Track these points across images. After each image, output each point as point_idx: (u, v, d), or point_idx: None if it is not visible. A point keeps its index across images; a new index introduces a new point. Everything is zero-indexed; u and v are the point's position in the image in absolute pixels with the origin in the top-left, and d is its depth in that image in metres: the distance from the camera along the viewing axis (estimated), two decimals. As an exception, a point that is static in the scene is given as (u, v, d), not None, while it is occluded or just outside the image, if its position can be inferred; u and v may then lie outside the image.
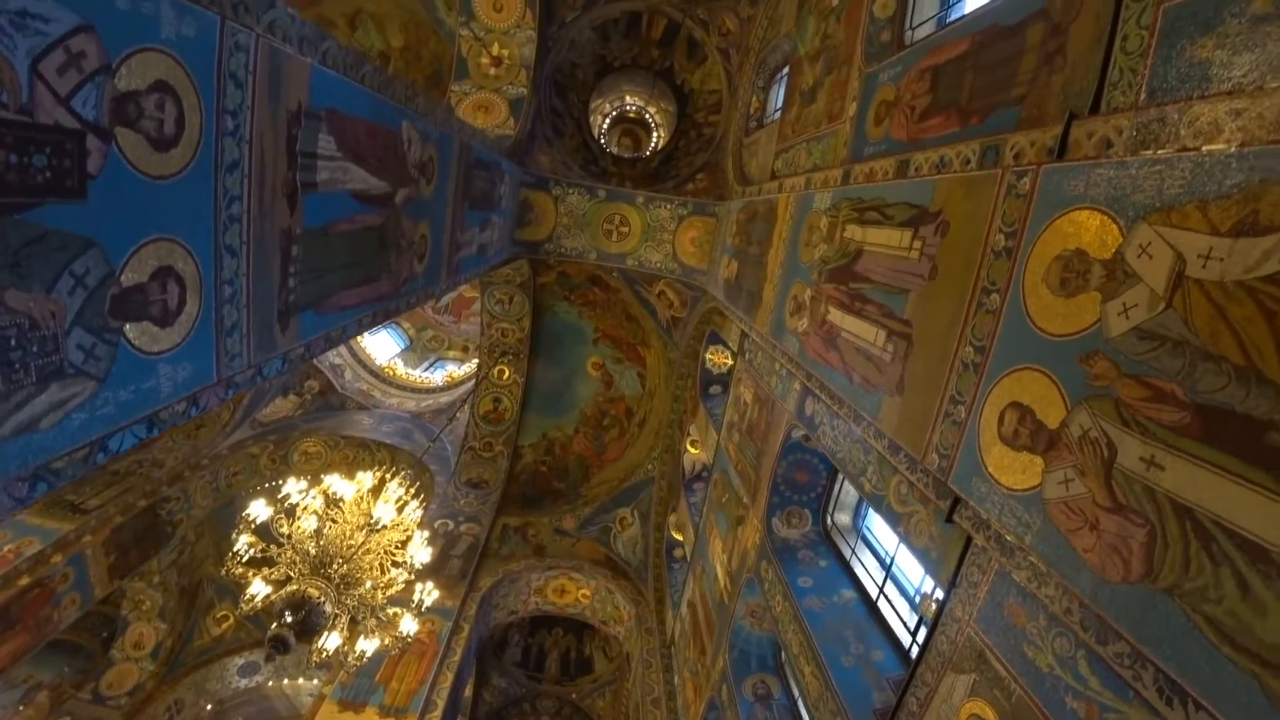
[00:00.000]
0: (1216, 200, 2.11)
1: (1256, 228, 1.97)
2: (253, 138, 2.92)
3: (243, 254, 3.00)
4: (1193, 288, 2.15)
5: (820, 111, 6.71)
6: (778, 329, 6.00)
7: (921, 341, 3.69)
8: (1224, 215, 2.08)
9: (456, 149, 5.79)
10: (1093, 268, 2.57)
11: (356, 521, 6.82)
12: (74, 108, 2.03)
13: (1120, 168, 2.49)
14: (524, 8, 8.95)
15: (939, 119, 4.50)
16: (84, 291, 2.20)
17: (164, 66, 2.35)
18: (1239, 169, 2.06)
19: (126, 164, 2.27)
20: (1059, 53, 3.39)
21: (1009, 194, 3.12)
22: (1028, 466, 2.80)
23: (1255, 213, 1.98)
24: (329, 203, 3.71)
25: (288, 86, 3.15)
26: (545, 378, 12.37)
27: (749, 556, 7.06)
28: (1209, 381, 2.07)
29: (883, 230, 4.26)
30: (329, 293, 3.91)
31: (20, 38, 1.83)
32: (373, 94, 4.04)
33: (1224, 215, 2.08)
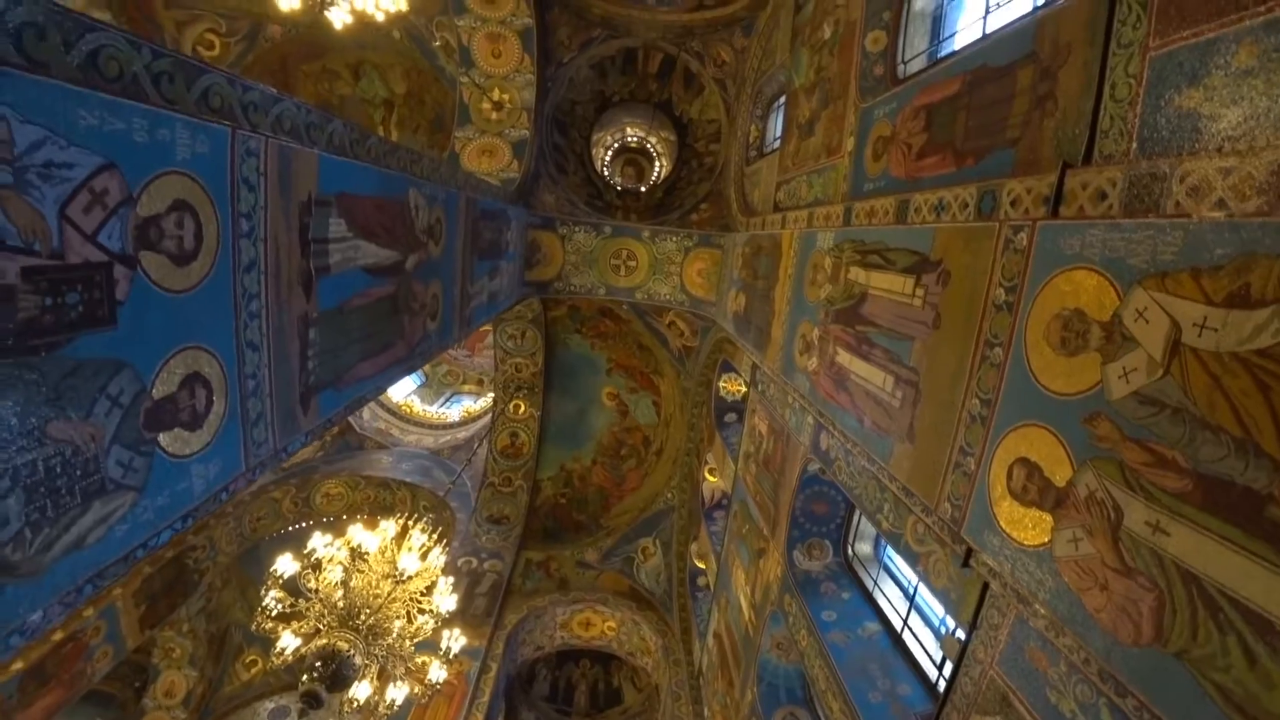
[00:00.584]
0: (1209, 270, 2.15)
1: (1249, 300, 2.01)
2: (267, 235, 3.05)
3: (263, 347, 3.11)
4: (1189, 356, 2.19)
5: (819, 145, 6.79)
6: (788, 366, 6.05)
7: (929, 391, 3.72)
8: (1217, 285, 2.12)
9: (462, 205, 5.93)
10: (1092, 328, 2.61)
11: (382, 571, 6.92)
12: (100, 242, 2.15)
13: (1114, 229, 2.53)
14: (522, 53, 9.16)
15: (935, 158, 4.56)
16: (119, 411, 2.31)
17: (181, 186, 2.48)
18: (1230, 239, 2.10)
19: (151, 284, 2.39)
20: (1050, 97, 3.45)
21: (1007, 248, 3.16)
22: (1038, 523, 2.83)
23: (1247, 285, 2.02)
24: (342, 282, 3.83)
25: (298, 179, 3.28)
26: (561, 410, 12.46)
27: (772, 589, 7.06)
28: (1209, 451, 2.09)
29: (886, 275, 4.31)
30: (347, 367, 4.02)
31: (48, 188, 1.95)
32: (379, 169, 4.17)
33: (1217, 285, 2.12)
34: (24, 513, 2.02)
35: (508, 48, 9.11)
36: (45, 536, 2.10)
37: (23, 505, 2.01)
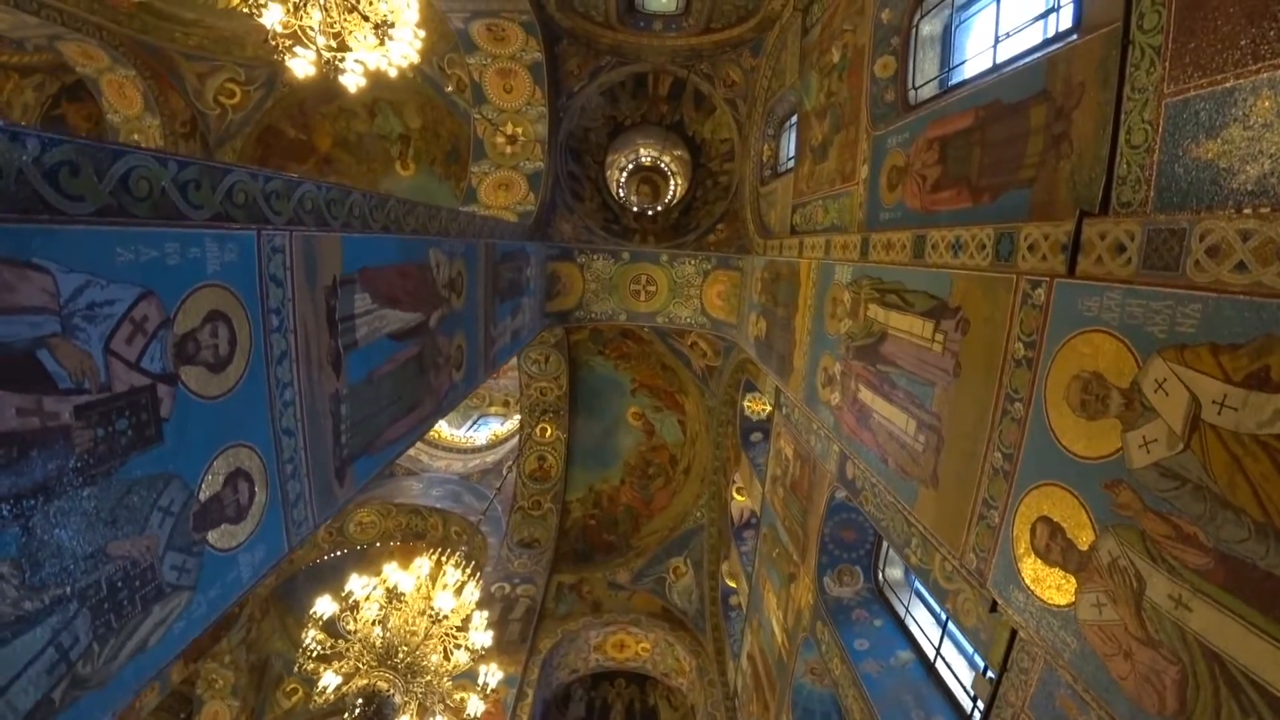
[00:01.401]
0: (1229, 347, 2.15)
1: (1269, 383, 2.01)
2: (296, 325, 3.17)
3: (298, 431, 3.24)
4: (1209, 433, 2.19)
5: (833, 170, 6.79)
6: (811, 397, 6.06)
7: (951, 439, 3.72)
8: (1237, 364, 2.12)
9: (482, 252, 6.05)
10: (1111, 394, 2.61)
11: (417, 608, 7.08)
12: (144, 367, 2.28)
13: (1132, 294, 2.53)
14: (533, 86, 9.29)
15: (951, 192, 4.56)
16: (171, 519, 2.45)
17: (214, 298, 2.61)
18: (1250, 318, 2.09)
19: (192, 396, 2.51)
20: (1064, 137, 3.45)
21: (1025, 302, 3.16)
22: (1061, 584, 2.83)
23: (1267, 367, 2.02)
24: (370, 353, 3.96)
25: (322, 264, 3.41)
26: (587, 431, 12.57)
27: (804, 616, 7.06)
28: (1230, 531, 2.10)
29: (905, 317, 4.32)
30: (378, 433, 4.15)
31: (92, 327, 2.08)
32: (399, 237, 4.29)
33: (1237, 364, 2.12)
34: (91, 629, 2.15)
35: (519, 82, 9.25)
36: (111, 647, 2.23)
37: (90, 623, 2.14)
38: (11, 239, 1.80)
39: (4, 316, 1.78)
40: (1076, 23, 3.63)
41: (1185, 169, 2.62)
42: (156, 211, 2.47)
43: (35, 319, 1.88)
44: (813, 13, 7.66)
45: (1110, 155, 3.05)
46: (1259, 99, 2.33)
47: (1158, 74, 2.76)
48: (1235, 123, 2.44)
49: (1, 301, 1.77)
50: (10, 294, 1.80)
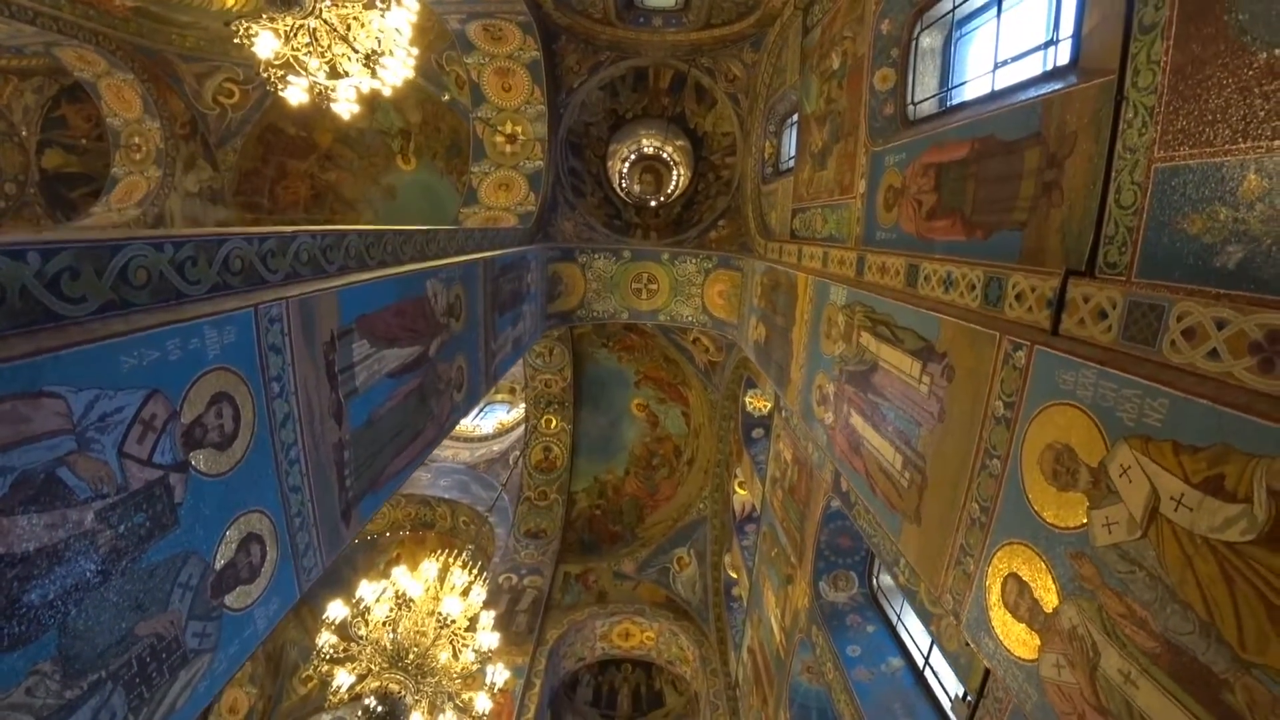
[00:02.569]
0: (1189, 449, 2.24)
1: (1223, 492, 2.11)
2: (297, 387, 3.31)
3: (304, 486, 3.40)
4: (1166, 527, 2.30)
5: (831, 179, 6.81)
6: (807, 413, 6.17)
7: (934, 482, 3.85)
8: (1195, 466, 2.21)
9: (481, 270, 6.14)
10: (1081, 470, 2.71)
11: (426, 608, 7.36)
12: (155, 462, 2.43)
13: (1106, 376, 2.61)
14: (532, 84, 9.25)
15: (945, 222, 4.61)
16: (191, 592, 2.62)
17: (217, 381, 2.74)
18: (1210, 425, 2.16)
19: (203, 477, 2.67)
20: (1056, 185, 3.50)
21: (1006, 363, 3.25)
22: (1027, 639, 2.98)
23: (1222, 476, 2.12)
24: (370, 397, 4.10)
25: (320, 322, 3.53)
26: (592, 422, 12.77)
27: (800, 617, 7.29)
28: (1176, 623, 2.22)
29: (895, 351, 4.41)
30: (381, 469, 4.31)
31: (106, 437, 2.23)
32: (395, 275, 4.40)
33: (1195, 466, 2.21)
34: (126, 703, 2.35)
35: (517, 81, 9.21)
36: (144, 716, 2.43)
37: (125, 698, 2.34)
38: (23, 373, 1.93)
39: (24, 446, 1.93)
40: (1074, 60, 3.64)
41: (1170, 239, 2.68)
42: (156, 296, 2.61)
43: (53, 441, 2.02)
44: (813, 13, 7.57)
45: (1099, 213, 3.11)
46: (1246, 178, 2.38)
47: (1149, 136, 2.80)
48: (1222, 200, 2.49)
49: (20, 433, 1.91)
50: (27, 424, 1.93)
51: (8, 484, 1.88)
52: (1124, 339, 2.76)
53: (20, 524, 1.92)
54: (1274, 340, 2.17)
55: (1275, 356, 2.16)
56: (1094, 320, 2.94)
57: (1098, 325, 2.92)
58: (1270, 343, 2.18)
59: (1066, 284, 3.16)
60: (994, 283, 3.73)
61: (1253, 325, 2.23)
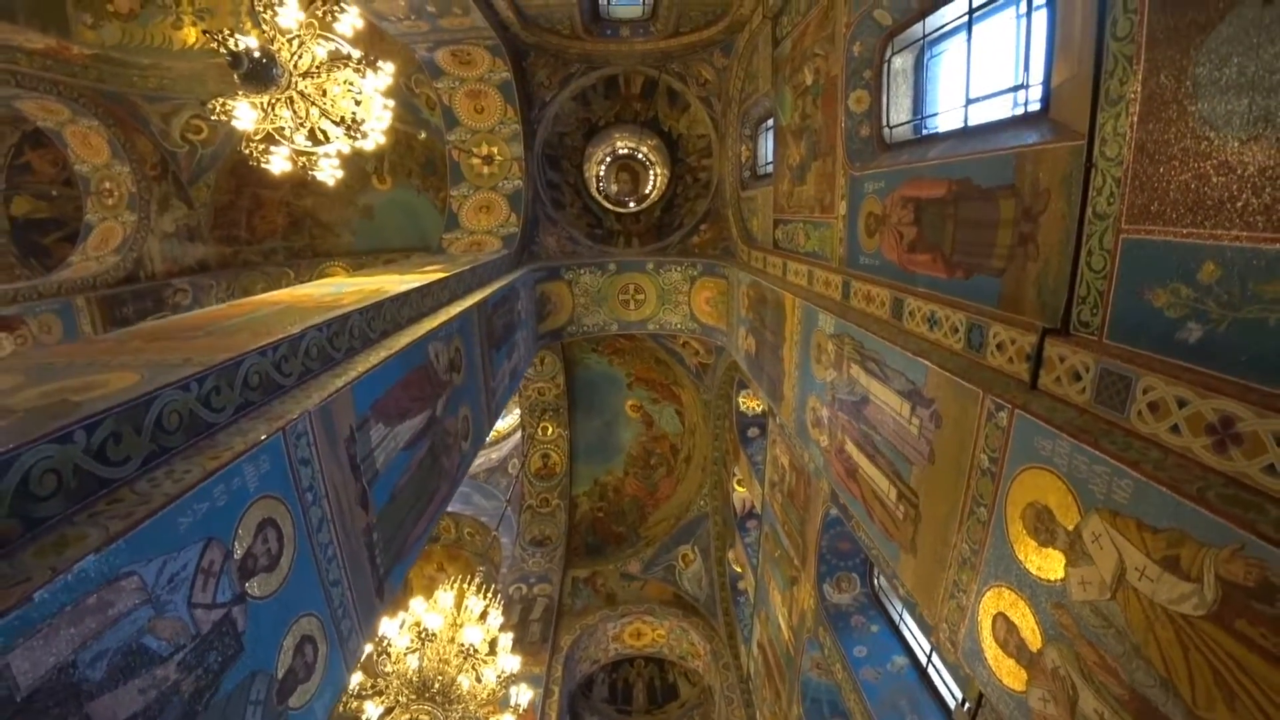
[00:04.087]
0: (1150, 528, 2.54)
1: (1178, 570, 2.42)
2: (327, 490, 3.55)
3: (343, 578, 3.66)
4: (1131, 593, 2.62)
5: (812, 196, 7.01)
6: (802, 431, 6.47)
7: (927, 519, 4.16)
8: (1155, 544, 2.52)
9: (475, 315, 6.33)
10: (1058, 531, 3.03)
11: (446, 636, 7.69)
12: (219, 602, 2.68)
13: (1080, 451, 2.90)
14: (504, 104, 9.32)
15: (927, 257, 4.87)
16: (261, 706, 2.89)
17: (260, 511, 2.98)
18: (1169, 510, 2.44)
19: (259, 601, 2.92)
20: (1031, 239, 3.76)
21: (989, 420, 3.53)
22: (1016, 673, 3.32)
23: (1177, 558, 2.43)
24: (389, 474, 4.34)
25: (339, 422, 3.75)
26: (588, 426, 13.06)
27: (807, 617, 7.70)
28: (1141, 677, 2.56)
29: (885, 389, 4.69)
30: (406, 537, 4.57)
31: (176, 595, 2.47)
32: (400, 353, 4.60)
33: (1155, 544, 2.52)
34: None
35: (489, 102, 9.27)
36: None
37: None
38: (104, 563, 2.16)
39: (113, 628, 2.17)
40: (1045, 106, 3.81)
41: (1138, 308, 2.94)
42: (189, 434, 2.83)
43: (135, 615, 2.26)
44: (782, 24, 7.69)
45: (1072, 273, 3.38)
46: (1205, 264, 2.62)
47: (1117, 206, 3.04)
48: (1183, 279, 2.73)
49: (108, 618, 2.15)
50: (113, 608, 2.17)
51: (104, 667, 2.12)
52: (1097, 402, 3.05)
53: (120, 697, 2.17)
54: (1227, 424, 2.45)
55: (1228, 440, 2.45)
56: (1069, 380, 3.23)
57: (1073, 385, 3.20)
58: (1224, 426, 2.46)
59: (1044, 342, 3.44)
60: (976, 329, 4.01)
61: (1209, 409, 2.51)
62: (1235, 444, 2.43)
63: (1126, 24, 2.96)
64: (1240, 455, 2.42)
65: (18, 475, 2.13)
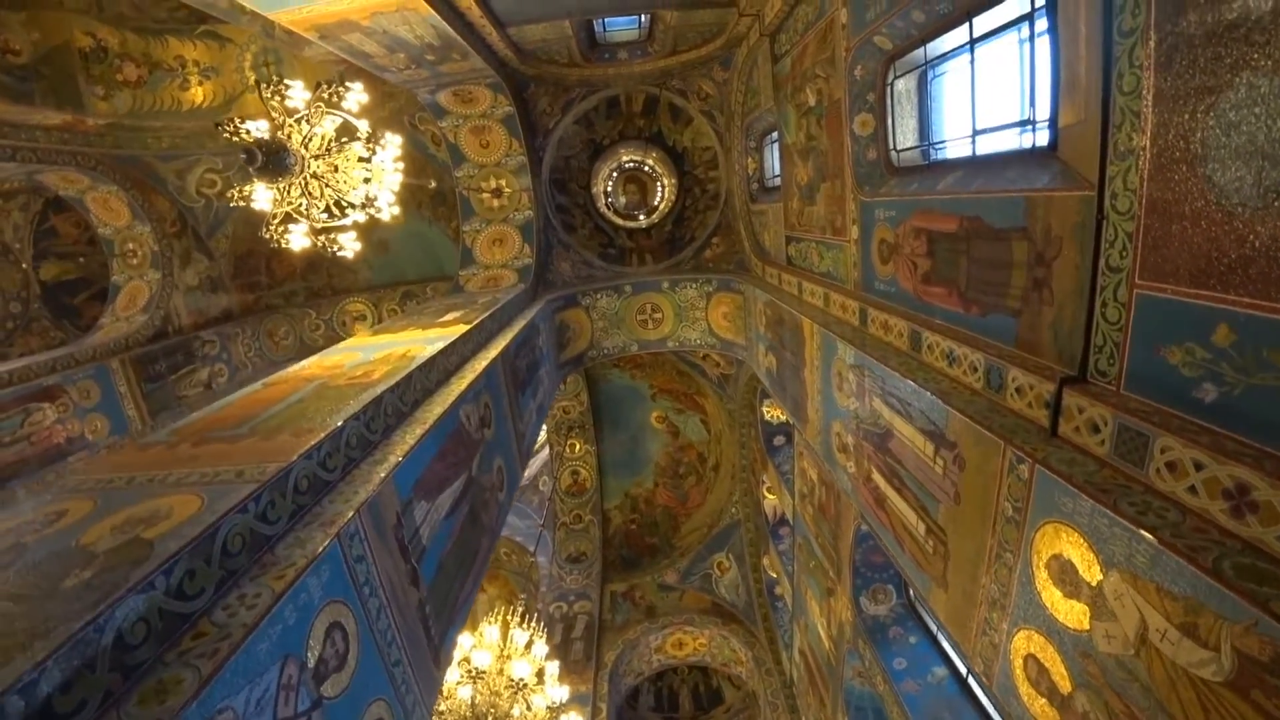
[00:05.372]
0: (1170, 594, 2.68)
1: (1197, 638, 2.57)
2: (381, 580, 3.79)
3: (403, 657, 3.92)
4: (1154, 651, 2.77)
5: (823, 217, 7.12)
6: (828, 455, 6.63)
7: (956, 557, 4.32)
8: (1174, 610, 2.66)
9: (500, 365, 6.56)
10: (1082, 585, 3.18)
11: (495, 669, 8.02)
12: (299, 711, 2.93)
13: (1100, 514, 3.03)
14: (508, 137, 9.50)
15: (942, 290, 4.98)
16: (333, 806, 3.16)
17: (326, 617, 3.22)
18: (1187, 581, 2.56)
19: (333, 700, 3.17)
20: (1045, 284, 3.86)
21: (1011, 471, 3.67)
22: (1048, 712, 3.48)
23: (1196, 625, 2.57)
24: (434, 548, 4.59)
25: (385, 511, 3.98)
26: (614, 440, 13.30)
27: (845, 629, 7.89)
28: (1170, 732, 2.71)
29: (909, 426, 4.82)
30: (455, 602, 4.83)
31: (263, 716, 2.72)
32: (435, 426, 4.83)
33: (1174, 610, 2.66)
34: None
35: (494, 136, 9.45)
36: None
37: None
38: (203, 705, 2.41)
39: (215, 763, 2.42)
40: (1053, 144, 3.85)
41: (1153, 363, 3.04)
42: (251, 552, 3.08)
43: (233, 747, 2.52)
44: (780, 42, 7.76)
45: (1087, 323, 3.49)
46: (1218, 326, 2.69)
47: (1130, 261, 3.12)
48: (1197, 340, 2.82)
49: (211, 753, 2.40)
50: (215, 743, 2.42)
51: (210, 798, 2.38)
52: (1115, 455, 3.18)
53: (225, 824, 2.43)
54: (1243, 491, 2.57)
55: (1244, 506, 2.58)
56: (1088, 431, 3.36)
57: (1092, 437, 3.33)
58: (1240, 493, 2.58)
59: (1062, 391, 3.57)
60: (994, 371, 4.13)
61: (1225, 474, 2.62)
62: (1251, 511, 2.56)
63: (1133, 79, 2.99)
64: (1256, 522, 2.54)
65: (113, 632, 2.38)
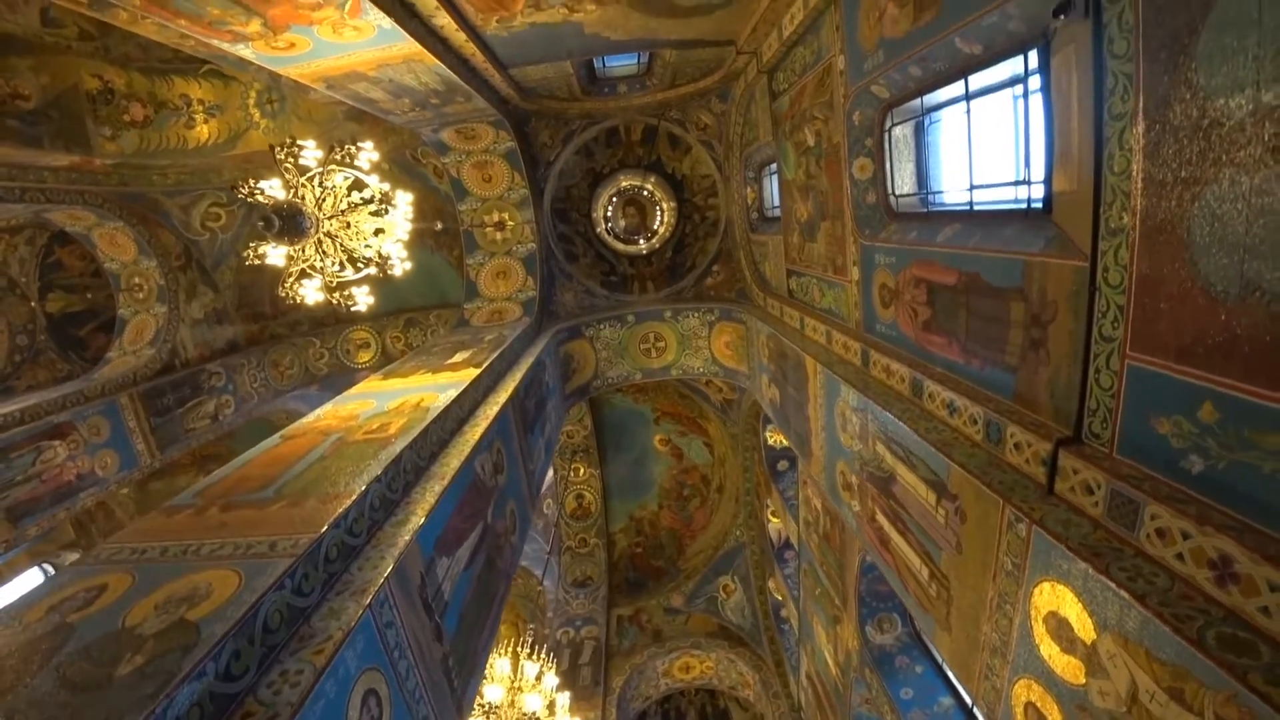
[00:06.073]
0: (1158, 659, 2.88)
1: (1183, 702, 2.77)
2: (409, 640, 3.99)
3: (430, 711, 4.10)
4: (1145, 711, 2.97)
5: (823, 255, 7.33)
6: (833, 491, 6.83)
7: (958, 603, 4.52)
8: (1162, 674, 2.86)
9: (510, 412, 6.76)
10: (1077, 643, 3.38)
11: (507, 701, 8.20)
12: (338, 781, 3.12)
13: (1090, 578, 3.24)
14: (510, 172, 9.73)
15: (942, 339, 5.19)
16: None
17: (363, 685, 3.41)
18: (1173, 649, 2.75)
19: (364, 768, 3.36)
20: (1042, 345, 4.07)
21: (1010, 529, 3.88)
22: (1057, 762, 3.68)
23: (1182, 690, 2.77)
24: (455, 601, 4.78)
25: (410, 573, 4.18)
26: (618, 463, 13.50)
27: (852, 657, 8.08)
28: (1164, 791, 2.91)
29: (911, 474, 5.03)
30: (475, 651, 5.02)
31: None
32: (453, 481, 5.02)
33: (1162, 674, 2.86)
34: None
35: (496, 171, 9.68)
36: None
37: None
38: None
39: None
40: (1047, 204, 4.01)
41: (1144, 431, 3.24)
42: (290, 625, 3.28)
43: (282, 820, 2.71)
44: (778, 79, 7.98)
45: (1081, 386, 3.69)
46: (1204, 404, 2.88)
47: (1122, 333, 3.31)
48: (1185, 414, 3.00)
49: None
50: (268, 820, 2.62)
51: None
52: (1109, 517, 3.39)
53: None
54: (1227, 563, 2.77)
55: (1227, 577, 2.79)
56: (1083, 492, 3.57)
57: (1087, 498, 3.54)
58: (1224, 564, 2.79)
59: (1058, 452, 3.78)
60: (994, 425, 4.34)
61: (1210, 545, 2.83)
62: (1233, 581, 2.77)
63: (1123, 161, 3.19)
64: (1238, 592, 2.75)
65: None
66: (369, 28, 5.80)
